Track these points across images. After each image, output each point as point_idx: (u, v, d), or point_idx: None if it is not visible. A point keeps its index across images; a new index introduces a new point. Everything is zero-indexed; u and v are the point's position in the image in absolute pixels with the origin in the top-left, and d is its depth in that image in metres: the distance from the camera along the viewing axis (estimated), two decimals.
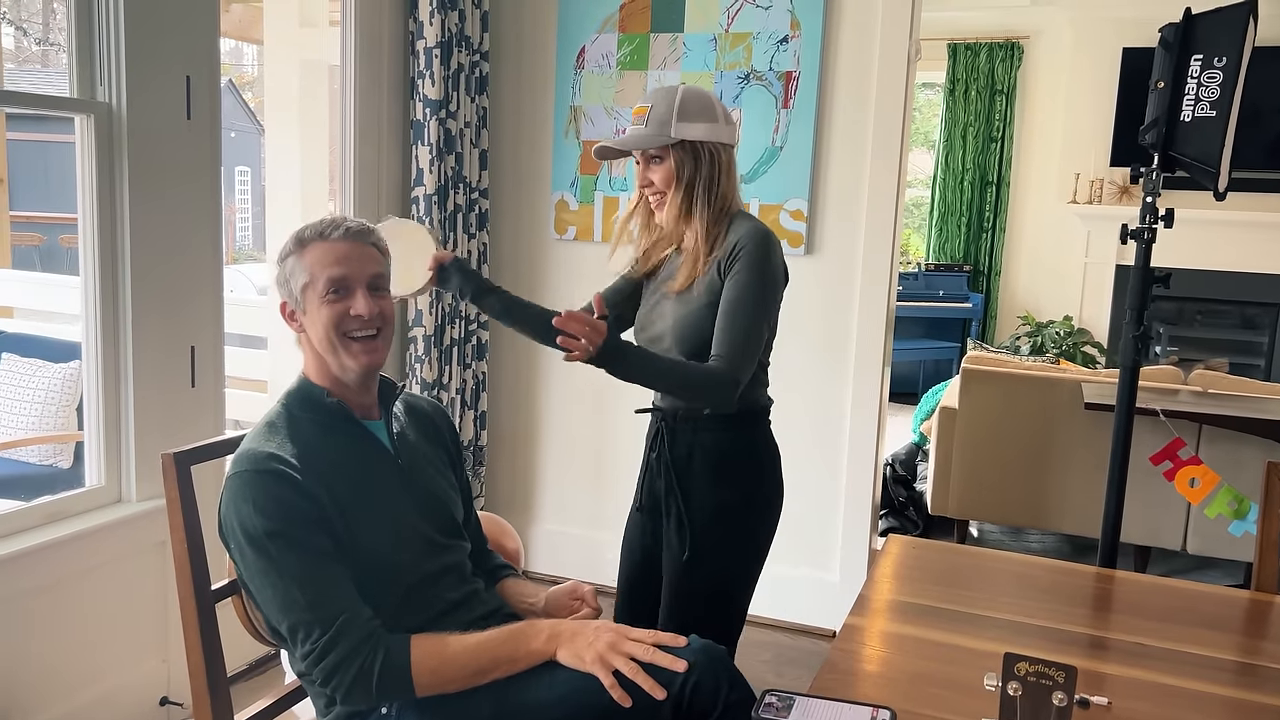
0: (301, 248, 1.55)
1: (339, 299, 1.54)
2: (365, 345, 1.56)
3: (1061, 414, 3.76)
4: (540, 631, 1.48)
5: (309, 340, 1.58)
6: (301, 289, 1.55)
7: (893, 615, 1.66)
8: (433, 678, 1.44)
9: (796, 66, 3.18)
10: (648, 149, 1.89)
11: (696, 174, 1.87)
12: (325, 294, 1.53)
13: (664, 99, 1.88)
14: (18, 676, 2.23)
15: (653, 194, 1.92)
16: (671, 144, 1.86)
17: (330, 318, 1.53)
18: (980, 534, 4.48)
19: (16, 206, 6.38)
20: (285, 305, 1.59)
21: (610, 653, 1.42)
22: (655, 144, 1.87)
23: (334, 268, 1.53)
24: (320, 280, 1.53)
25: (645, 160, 1.91)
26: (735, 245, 1.85)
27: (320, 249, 1.55)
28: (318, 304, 1.54)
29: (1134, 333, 2.21)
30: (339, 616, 1.41)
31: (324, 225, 1.56)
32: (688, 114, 1.86)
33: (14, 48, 10.83)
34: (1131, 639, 1.59)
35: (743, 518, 1.94)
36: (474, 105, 3.37)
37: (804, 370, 3.30)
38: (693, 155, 1.87)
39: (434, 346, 3.32)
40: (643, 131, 1.88)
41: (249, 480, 1.45)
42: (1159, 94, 2.10)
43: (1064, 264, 6.76)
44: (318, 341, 1.56)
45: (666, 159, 1.88)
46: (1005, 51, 6.94)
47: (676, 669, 1.41)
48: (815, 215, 3.24)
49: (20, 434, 3.75)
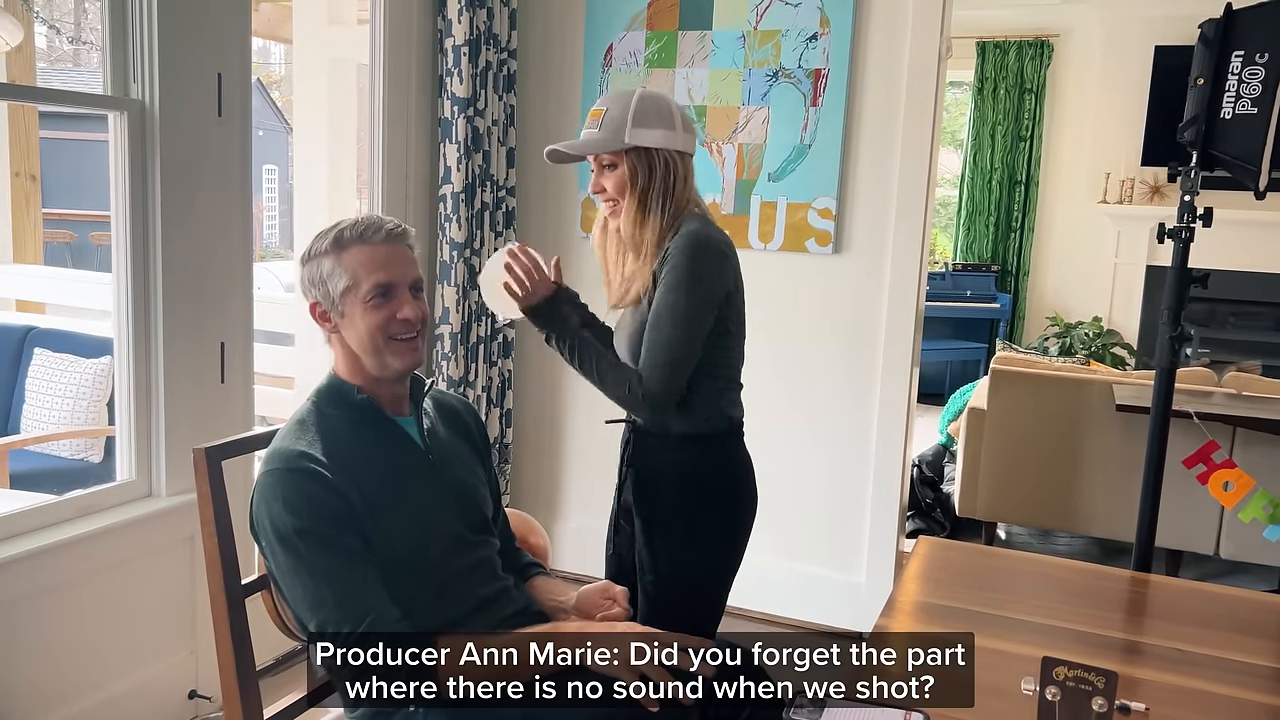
0: (340, 249, 1.54)
1: (384, 303, 1.53)
2: (408, 345, 1.56)
3: (1092, 416, 3.71)
4: (568, 633, 1.47)
5: (344, 341, 1.57)
6: (342, 292, 1.53)
7: (923, 618, 1.65)
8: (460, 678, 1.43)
9: (826, 64, 3.16)
10: (600, 154, 1.82)
11: (650, 181, 1.80)
12: (370, 298, 1.52)
13: (619, 103, 1.81)
14: (49, 668, 2.25)
15: (605, 200, 1.85)
16: (625, 150, 1.79)
17: (377, 322, 1.53)
18: (1008, 536, 4.44)
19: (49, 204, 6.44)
20: (316, 306, 1.57)
21: (638, 657, 1.41)
22: (607, 149, 1.80)
23: (379, 273, 1.53)
24: (364, 284, 1.52)
25: (598, 166, 1.84)
26: (665, 254, 1.79)
27: (362, 252, 1.53)
28: (361, 308, 1.53)
29: (1170, 334, 2.17)
30: (366, 616, 1.41)
31: (364, 227, 1.55)
32: (643, 120, 1.79)
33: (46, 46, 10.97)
34: (1168, 644, 1.57)
35: (711, 536, 1.88)
36: (502, 103, 3.37)
37: (831, 370, 3.28)
38: (647, 163, 1.80)
39: (460, 344, 3.32)
40: (595, 135, 1.81)
41: (280, 478, 1.46)
42: (1198, 91, 2.06)
43: (1093, 264, 6.68)
44: (358, 343, 1.55)
45: (620, 165, 1.80)
46: (1035, 50, 6.87)
47: (705, 674, 1.39)
48: (843, 214, 3.22)
49: (52, 428, 3.79)
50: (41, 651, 2.23)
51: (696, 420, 1.84)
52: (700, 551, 1.87)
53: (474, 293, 3.34)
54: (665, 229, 1.82)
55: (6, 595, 2.13)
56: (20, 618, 2.18)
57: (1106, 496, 3.71)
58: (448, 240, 3.27)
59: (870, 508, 3.31)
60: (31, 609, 2.20)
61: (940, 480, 4.48)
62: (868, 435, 3.28)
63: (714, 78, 3.29)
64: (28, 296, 4.90)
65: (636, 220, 1.81)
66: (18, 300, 4.90)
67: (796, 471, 2.61)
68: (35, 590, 2.19)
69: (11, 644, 2.16)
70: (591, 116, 1.84)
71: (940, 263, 7.68)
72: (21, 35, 4.35)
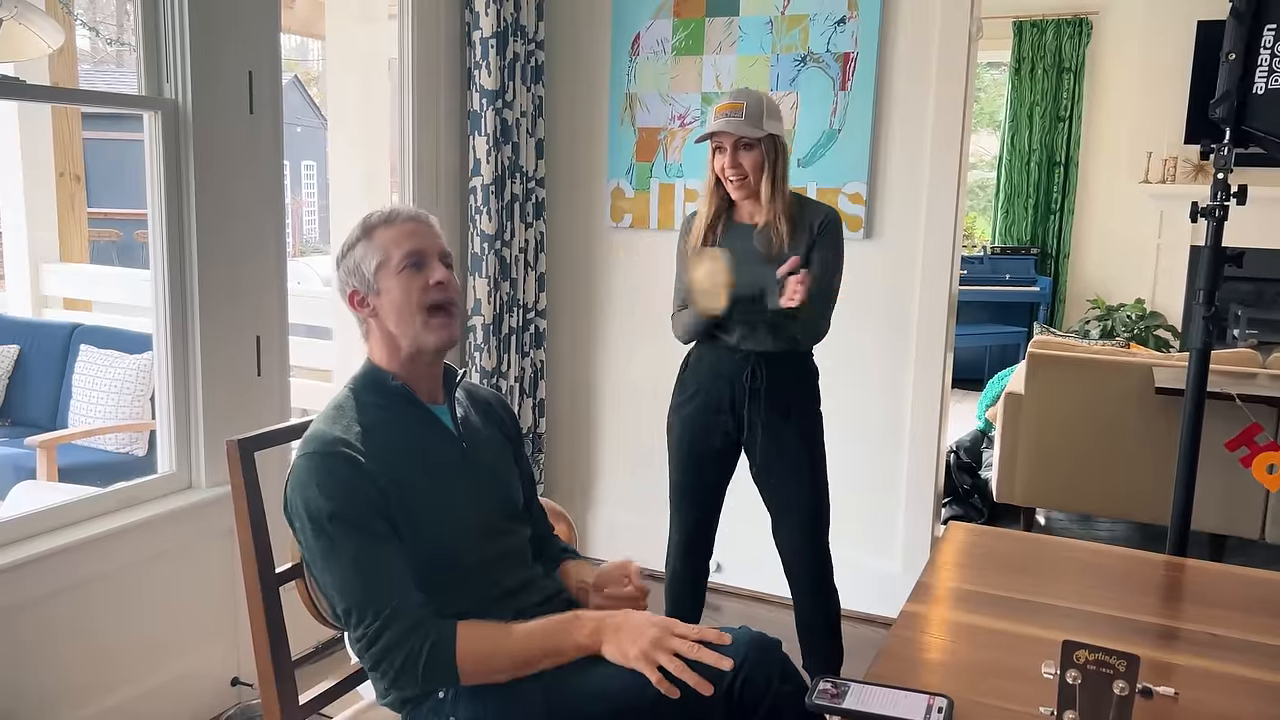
0: (369, 233, 1.60)
1: (417, 272, 1.57)
2: (444, 318, 1.59)
3: (1132, 399, 3.65)
4: (585, 625, 1.48)
5: (381, 324, 1.60)
6: (375, 269, 1.57)
7: (953, 602, 1.64)
8: (478, 666, 1.45)
9: (854, 48, 3.13)
10: (743, 138, 2.28)
11: (777, 160, 2.32)
12: (402, 268, 1.56)
13: (755, 99, 2.29)
14: (95, 657, 2.31)
15: (737, 176, 2.31)
16: (763, 136, 2.28)
17: (411, 289, 1.56)
18: (1048, 522, 4.39)
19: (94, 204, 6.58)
20: (355, 293, 1.61)
21: (655, 650, 1.40)
22: (754, 134, 2.27)
23: (407, 242, 1.58)
24: (395, 256, 1.57)
25: (735, 148, 2.28)
26: (825, 219, 2.36)
27: (389, 230, 1.59)
28: (394, 279, 1.57)
29: (1205, 314, 2.13)
30: (390, 603, 1.43)
31: (387, 211, 1.61)
32: (773, 113, 2.32)
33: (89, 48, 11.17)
34: (1201, 628, 1.55)
35: (817, 419, 2.48)
36: (530, 94, 3.38)
37: (865, 356, 3.26)
38: (774, 147, 2.31)
39: (493, 335, 3.35)
40: (742, 122, 2.26)
41: (315, 463, 1.48)
42: (1230, 66, 2.02)
43: (1136, 245, 6.57)
44: (395, 318, 1.58)
45: (756, 148, 2.28)
46: (1073, 28, 6.75)
47: (723, 667, 1.39)
48: (875, 198, 3.19)
49: (97, 423, 3.88)
50: (87, 641, 2.29)
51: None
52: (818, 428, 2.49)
53: (505, 283, 3.37)
54: (787, 199, 2.35)
55: (53, 586, 2.19)
56: (66, 608, 2.23)
57: (1148, 481, 3.65)
58: (478, 232, 3.30)
59: (904, 494, 3.29)
60: (77, 599, 2.26)
61: (978, 466, 4.44)
62: (901, 421, 3.26)
63: (741, 64, 3.28)
64: (75, 294, 5.02)
65: (770, 189, 2.31)
66: (65, 298, 5.02)
67: (829, 457, 2.61)
68: (81, 580, 2.25)
69: (58, 634, 2.22)
70: (730, 108, 2.28)
71: (978, 246, 7.60)
72: (63, 38, 4.43)
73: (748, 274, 2.30)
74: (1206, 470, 2.47)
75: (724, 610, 3.37)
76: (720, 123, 2.28)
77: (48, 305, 4.94)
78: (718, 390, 2.42)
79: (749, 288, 2.29)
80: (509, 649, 1.46)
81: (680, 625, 1.44)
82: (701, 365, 2.47)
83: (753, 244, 2.35)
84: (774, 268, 2.27)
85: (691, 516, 2.55)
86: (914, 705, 1.24)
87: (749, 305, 2.29)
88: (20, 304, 4.88)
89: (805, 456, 2.44)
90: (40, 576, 2.16)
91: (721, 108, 2.30)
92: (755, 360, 2.38)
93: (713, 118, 2.31)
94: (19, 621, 2.14)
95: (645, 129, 3.44)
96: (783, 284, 2.18)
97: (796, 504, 2.45)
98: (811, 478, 2.46)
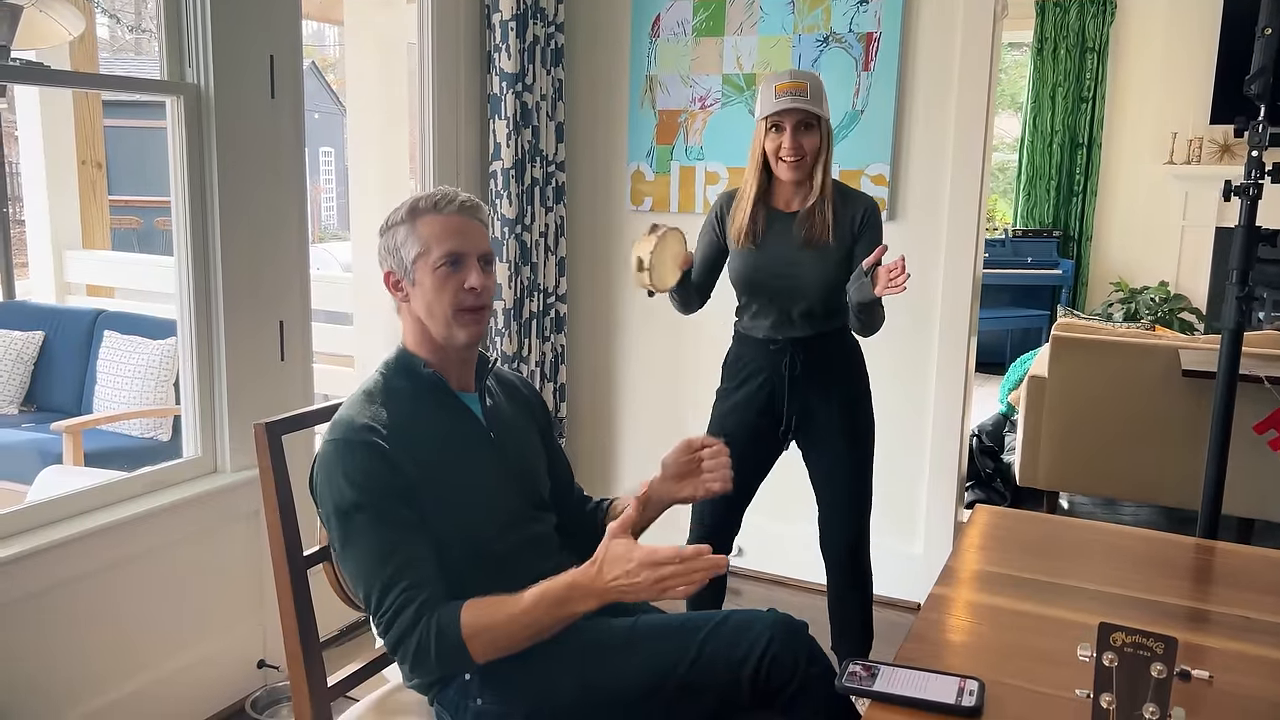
0: (414, 218, 1.56)
1: (453, 272, 1.55)
2: (474, 316, 1.57)
3: (1157, 382, 3.62)
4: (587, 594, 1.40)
5: (413, 310, 1.59)
6: (414, 259, 1.55)
7: (980, 585, 1.63)
8: (489, 648, 1.42)
9: (877, 27, 3.10)
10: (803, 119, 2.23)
11: (831, 142, 2.31)
12: (439, 265, 1.54)
13: (814, 80, 2.26)
14: (123, 639, 2.33)
15: (796, 157, 2.24)
16: (825, 117, 2.27)
17: (444, 289, 1.54)
18: (1071, 506, 4.36)
19: (115, 191, 6.62)
20: (390, 275, 1.60)
21: (657, 589, 1.36)
22: (823, 113, 2.26)
23: (449, 240, 1.55)
24: (435, 251, 1.54)
25: (796, 127, 2.23)
26: (867, 211, 2.33)
27: (435, 221, 1.56)
28: (430, 274, 1.55)
29: (1238, 294, 2.10)
30: (404, 591, 1.42)
31: (438, 198, 1.57)
32: (828, 96, 2.31)
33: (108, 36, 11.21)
34: (1235, 612, 1.53)
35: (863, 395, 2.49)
36: (549, 77, 3.37)
37: (888, 339, 3.19)
38: (828, 129, 2.29)
39: (514, 319, 3.34)
40: (809, 101, 2.22)
41: (341, 449, 1.48)
42: (1266, 41, 1.98)
43: (1160, 227, 6.50)
44: (426, 311, 1.57)
45: (815, 130, 2.25)
46: (1096, 7, 6.66)
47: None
48: (897, 180, 3.17)
49: (122, 408, 3.91)
50: (116, 622, 2.31)
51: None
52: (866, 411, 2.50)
53: (525, 268, 3.36)
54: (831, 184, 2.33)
55: (81, 569, 2.21)
56: (93, 592, 2.25)
57: (1174, 464, 3.62)
58: (499, 216, 3.29)
59: (928, 478, 3.27)
60: (104, 583, 2.27)
61: (1001, 450, 4.41)
62: (925, 405, 3.24)
63: (763, 45, 3.25)
64: (97, 281, 5.06)
65: (822, 169, 2.29)
66: (88, 285, 5.05)
67: None
68: (108, 564, 2.27)
69: (87, 616, 2.24)
70: (794, 87, 2.22)
71: (1000, 229, 7.53)
72: (83, 25, 4.44)
73: (787, 260, 2.30)
74: (1235, 453, 2.44)
75: (745, 594, 3.37)
76: (787, 100, 2.22)
77: (71, 292, 4.98)
78: (758, 385, 2.41)
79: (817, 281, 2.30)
80: (514, 627, 1.41)
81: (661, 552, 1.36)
82: (740, 361, 2.45)
83: (793, 230, 2.33)
84: (813, 254, 2.29)
85: (709, 516, 2.48)
86: (945, 688, 1.23)
87: (857, 307, 2.24)
88: (44, 290, 4.92)
89: (855, 433, 2.44)
90: (67, 560, 2.18)
91: (784, 86, 2.23)
92: (792, 348, 2.37)
93: (772, 96, 2.24)
94: (47, 606, 2.16)
95: (665, 111, 3.42)
96: (871, 274, 2.13)
97: (846, 482, 2.44)
98: (861, 456, 2.45)
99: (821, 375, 2.40)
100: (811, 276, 2.32)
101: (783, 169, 2.28)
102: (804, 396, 2.40)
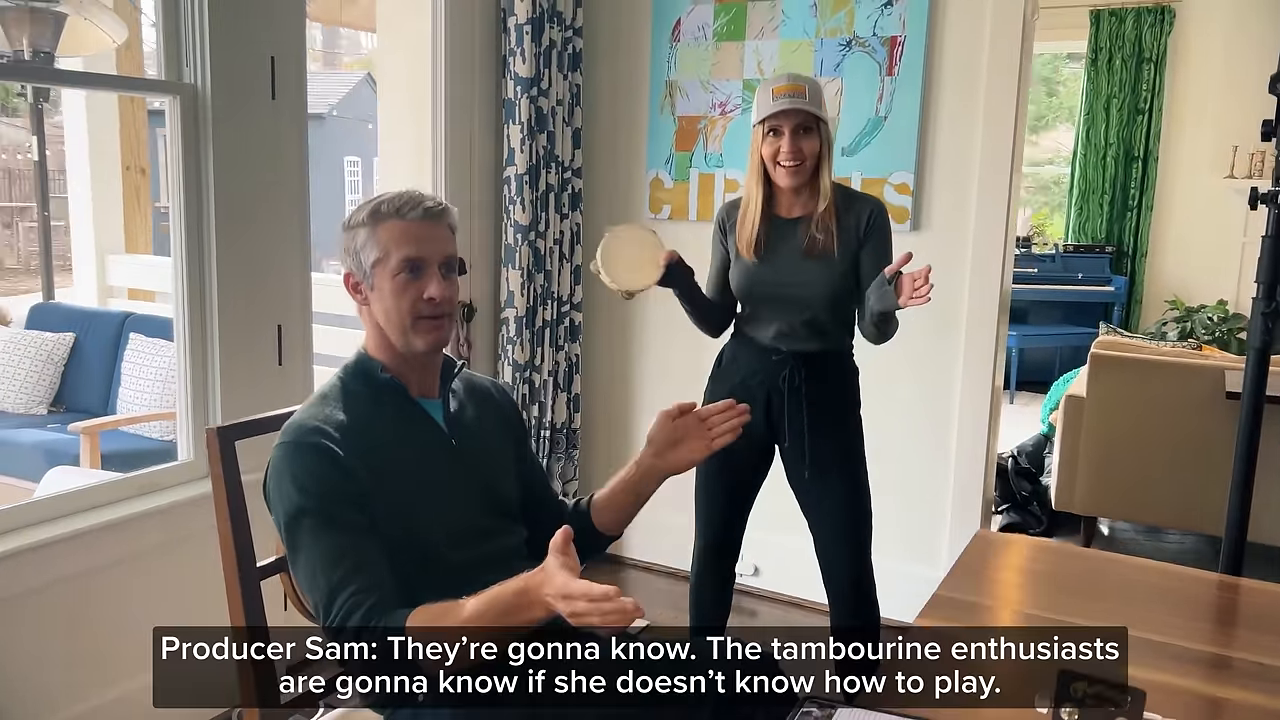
0: (376, 222, 1.51)
1: (412, 279, 1.49)
2: (433, 324, 1.52)
3: (1202, 404, 3.43)
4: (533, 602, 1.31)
5: (372, 314, 1.54)
6: (373, 264, 1.51)
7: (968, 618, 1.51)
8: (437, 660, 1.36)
9: (902, 31, 2.99)
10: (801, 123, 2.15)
11: (831, 145, 2.23)
12: (398, 272, 1.49)
13: (813, 82, 2.19)
14: (107, 644, 2.30)
15: (795, 161, 2.16)
16: (825, 119, 2.19)
17: (403, 296, 1.49)
18: (1111, 533, 4.17)
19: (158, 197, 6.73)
20: (350, 276, 1.55)
21: (573, 620, 1.26)
22: (822, 114, 2.18)
23: (409, 247, 1.49)
24: (394, 258, 1.49)
25: (795, 131, 2.14)
26: (872, 214, 2.23)
27: (396, 226, 1.50)
28: (389, 282, 1.50)
29: (1264, 309, 1.97)
30: (350, 595, 1.36)
31: (402, 202, 1.51)
32: (825, 99, 2.23)
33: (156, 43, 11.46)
34: (1248, 656, 1.39)
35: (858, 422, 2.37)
36: (566, 82, 3.30)
37: (909, 356, 3.10)
38: (827, 131, 2.21)
39: (525, 328, 3.28)
40: (807, 103, 2.14)
41: (290, 453, 1.44)
42: None
43: (1218, 244, 6.24)
44: (384, 317, 1.52)
45: (815, 133, 2.17)
46: (1154, 16, 6.43)
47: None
48: (922, 189, 3.05)
49: (143, 410, 3.94)
50: (101, 627, 2.28)
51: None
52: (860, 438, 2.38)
53: (539, 275, 3.30)
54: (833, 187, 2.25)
55: (64, 571, 2.19)
56: (79, 593, 2.23)
57: (1217, 491, 3.40)
58: (512, 223, 3.23)
59: (951, 500, 3.14)
60: (98, 582, 2.26)
61: (1039, 472, 4.23)
62: (949, 424, 3.11)
63: (784, 49, 3.16)
64: (139, 285, 5.12)
65: (824, 173, 2.21)
66: (130, 289, 5.12)
67: (872, 461, 2.48)
68: (101, 564, 2.25)
69: (70, 620, 2.22)
70: (792, 89, 2.15)
71: (1050, 244, 7.31)
72: (126, 33, 4.49)
73: (791, 270, 2.23)
74: (1270, 480, 2.28)
75: (760, 615, 3.26)
76: (785, 101, 2.14)
77: (113, 295, 5.05)
78: (752, 391, 2.30)
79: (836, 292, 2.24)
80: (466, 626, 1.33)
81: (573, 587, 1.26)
82: (736, 364, 2.36)
83: (796, 238, 2.24)
84: (818, 264, 2.21)
85: (717, 519, 2.43)
86: None
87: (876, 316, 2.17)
88: (87, 294, 4.99)
89: (846, 462, 2.33)
90: (56, 561, 2.17)
91: (781, 88, 2.16)
92: (794, 361, 2.27)
93: (769, 98, 2.16)
94: (34, 606, 2.14)
95: (685, 117, 3.35)
96: (893, 281, 2.03)
97: (838, 512, 2.33)
98: (853, 484, 2.33)
99: (821, 397, 2.30)
100: (817, 288, 2.24)
101: (780, 174, 2.19)
102: (803, 416, 2.29)
